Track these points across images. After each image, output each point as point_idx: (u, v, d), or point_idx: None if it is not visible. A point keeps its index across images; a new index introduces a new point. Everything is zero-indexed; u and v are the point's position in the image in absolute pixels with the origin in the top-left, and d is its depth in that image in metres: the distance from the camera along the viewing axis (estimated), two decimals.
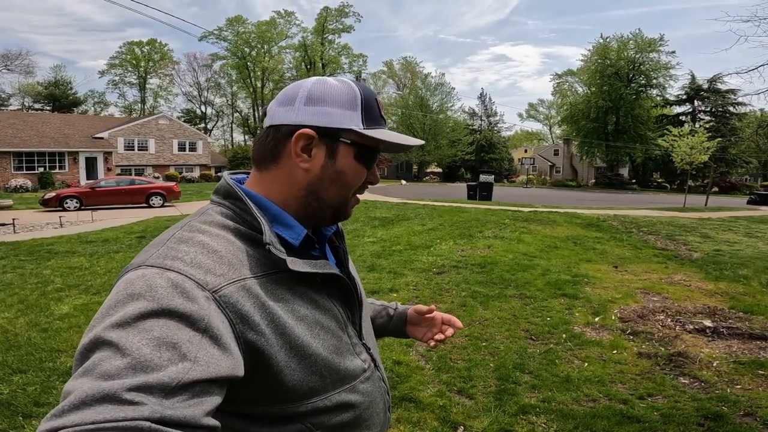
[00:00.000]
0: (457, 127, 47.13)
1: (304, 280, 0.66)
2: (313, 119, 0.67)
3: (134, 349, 0.45)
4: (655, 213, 14.56)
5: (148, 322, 0.48)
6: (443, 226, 10.23)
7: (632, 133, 40.56)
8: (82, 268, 6.25)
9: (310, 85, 0.69)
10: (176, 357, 0.47)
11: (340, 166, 0.69)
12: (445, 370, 3.34)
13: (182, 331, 0.49)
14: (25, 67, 48.29)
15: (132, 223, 10.93)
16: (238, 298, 0.57)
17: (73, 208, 14.93)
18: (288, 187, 0.69)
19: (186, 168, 34.98)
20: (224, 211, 0.67)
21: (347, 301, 0.74)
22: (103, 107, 58.94)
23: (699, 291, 5.35)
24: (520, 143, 72.26)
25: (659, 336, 3.97)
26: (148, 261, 0.56)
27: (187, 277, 0.54)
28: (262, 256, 0.63)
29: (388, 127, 0.76)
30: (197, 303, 0.52)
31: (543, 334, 4.00)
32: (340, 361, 0.67)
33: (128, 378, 0.43)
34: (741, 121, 41.93)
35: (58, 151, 26.63)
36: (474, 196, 19.53)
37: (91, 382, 0.43)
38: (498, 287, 5.31)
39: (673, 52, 45.58)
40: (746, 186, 40.68)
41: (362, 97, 0.70)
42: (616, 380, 3.25)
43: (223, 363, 0.50)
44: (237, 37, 48.61)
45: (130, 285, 0.52)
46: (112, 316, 0.49)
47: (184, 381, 0.45)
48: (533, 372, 3.34)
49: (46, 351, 3.60)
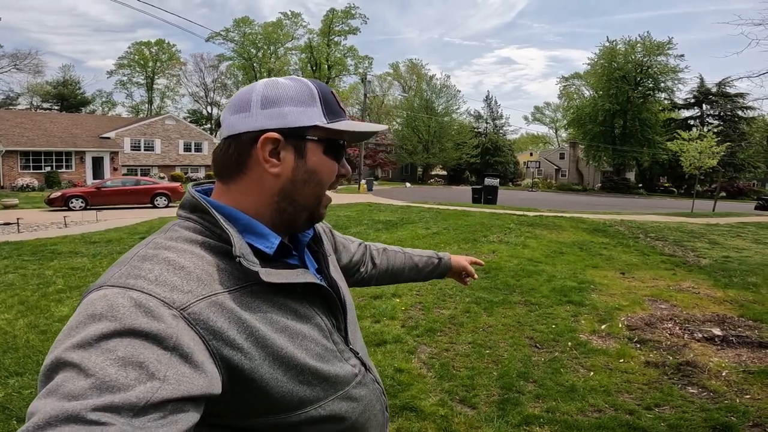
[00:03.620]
0: (463, 129, 47.01)
1: (282, 290, 0.64)
2: (274, 122, 0.65)
3: (98, 369, 0.44)
4: (662, 218, 14.42)
5: (111, 342, 0.47)
6: (447, 230, 10.16)
7: (639, 137, 40.28)
8: (84, 269, 6.24)
9: (262, 88, 0.67)
10: (144, 376, 0.45)
11: (311, 165, 0.68)
12: (448, 378, 3.27)
13: (149, 350, 0.47)
14: (34, 67, 48.78)
15: (136, 224, 10.95)
16: (209, 314, 0.55)
17: (78, 207, 15.00)
18: (259, 196, 0.67)
19: (191, 168, 35.11)
20: (191, 225, 0.65)
21: (330, 307, 0.72)
22: (111, 107, 59.47)
23: (708, 299, 5.25)
24: (525, 146, 72.01)
25: (667, 345, 3.89)
26: (109, 281, 0.54)
27: (151, 295, 0.52)
28: (234, 269, 0.61)
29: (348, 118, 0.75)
30: (164, 322, 0.50)
31: (548, 342, 3.93)
32: (329, 369, 0.66)
33: (93, 398, 0.42)
34: (750, 126, 41.56)
35: (65, 151, 26.80)
36: (479, 199, 19.43)
37: (55, 403, 0.41)
38: (502, 293, 5.23)
39: (682, 55, 45.13)
40: (754, 191, 40.26)
41: (319, 92, 0.68)
42: (622, 390, 3.17)
43: (195, 381, 0.49)
44: (243, 38, 48.84)
45: (91, 306, 0.50)
46: (73, 338, 0.47)
47: (153, 400, 0.44)
48: (537, 381, 3.26)
49: (44, 354, 3.56)
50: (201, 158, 35.74)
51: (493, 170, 41.70)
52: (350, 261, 1.07)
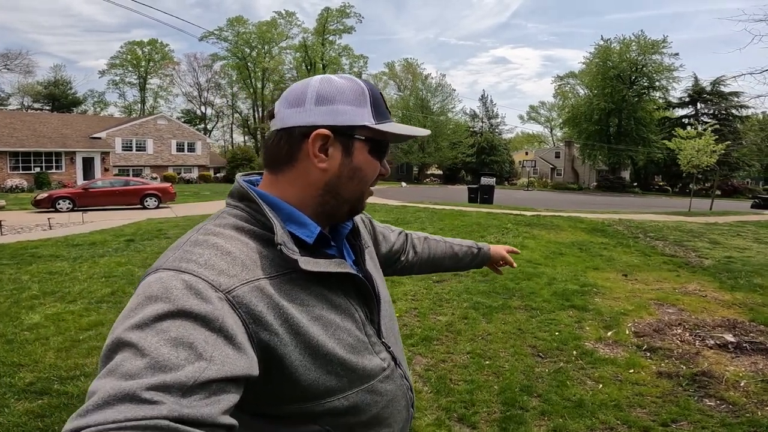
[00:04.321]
0: (458, 128, 46.79)
1: (319, 279, 0.66)
2: (327, 119, 0.67)
3: (153, 349, 0.47)
4: (660, 217, 14.24)
5: (166, 323, 0.49)
6: (444, 231, 9.91)
7: (634, 136, 40.18)
8: (62, 273, 5.94)
9: (317, 85, 0.69)
10: (192, 356, 0.48)
11: (357, 163, 0.70)
12: (445, 393, 3.02)
13: (198, 331, 0.50)
14: (24, 67, 48.13)
15: (123, 226, 10.62)
16: (251, 298, 0.57)
17: (65, 209, 14.62)
18: (305, 188, 0.69)
19: (184, 169, 34.69)
20: (238, 213, 0.68)
21: (365, 299, 0.73)
22: (103, 107, 58.69)
23: (716, 302, 5.03)
24: (520, 145, 71.86)
25: (679, 353, 3.65)
26: (164, 264, 0.58)
27: (200, 278, 0.55)
28: (276, 257, 0.63)
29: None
30: (211, 303, 0.53)
31: (551, 351, 3.69)
32: (358, 360, 0.67)
33: (147, 378, 0.44)
34: (743, 124, 41.60)
35: (54, 151, 26.36)
36: (475, 199, 19.21)
37: (113, 382, 0.44)
38: (501, 297, 4.99)
39: (677, 54, 45.10)
40: (748, 189, 40.32)
41: (370, 93, 0.70)
42: (634, 404, 2.94)
43: (238, 362, 0.51)
44: (237, 37, 48.39)
45: (148, 288, 0.54)
46: (132, 318, 0.50)
47: (201, 380, 0.46)
48: (542, 395, 3.02)
49: (7, 365, 3.31)
50: (194, 158, 35.32)
51: (488, 169, 41.51)
52: (390, 250, 1.09)
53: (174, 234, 9.17)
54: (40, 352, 3.58)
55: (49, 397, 2.95)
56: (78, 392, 3.00)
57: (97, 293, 5.05)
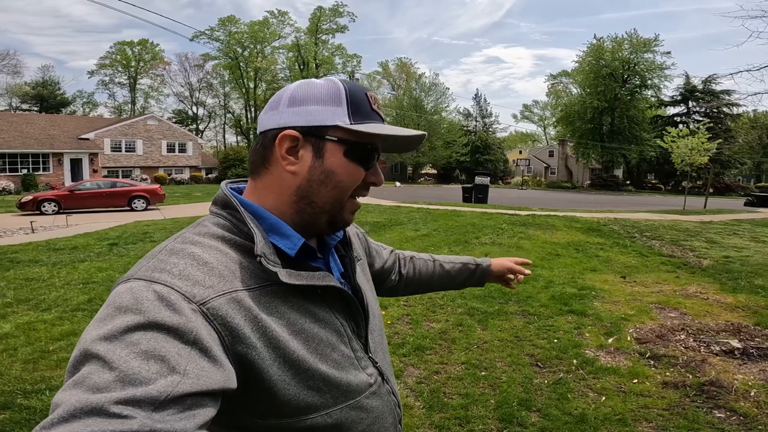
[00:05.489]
0: (452, 128, 46.61)
1: (302, 292, 0.64)
2: (296, 119, 0.65)
3: (122, 362, 0.45)
4: (655, 216, 14.15)
5: (136, 335, 0.48)
6: (438, 232, 9.72)
7: (627, 134, 40.26)
8: (39, 279, 5.68)
9: (294, 87, 0.68)
10: (165, 370, 0.46)
11: (328, 166, 0.66)
12: (438, 409, 2.83)
13: (170, 344, 0.48)
14: (12, 67, 47.44)
15: (108, 229, 10.32)
16: (227, 310, 0.55)
17: (51, 211, 14.25)
18: (279, 194, 0.67)
19: (175, 170, 34.25)
20: (220, 221, 0.66)
21: (351, 313, 0.70)
22: (92, 108, 57.93)
23: (718, 305, 4.87)
24: (514, 144, 71.90)
25: (684, 360, 3.48)
26: (136, 274, 0.56)
27: (173, 289, 0.53)
28: (256, 268, 0.61)
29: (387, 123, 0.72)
30: (184, 315, 0.51)
31: (550, 360, 3.50)
32: (342, 376, 0.64)
33: (116, 391, 0.42)
34: (735, 122, 41.80)
35: (42, 153, 25.88)
36: (469, 198, 19.05)
37: (80, 395, 0.42)
38: (497, 302, 4.79)
39: (669, 52, 45.24)
40: (741, 187, 40.53)
41: (347, 92, 0.66)
42: (640, 418, 2.76)
43: (213, 375, 0.49)
44: (229, 37, 47.91)
45: (119, 298, 0.52)
46: (100, 329, 0.48)
47: (174, 394, 0.44)
48: (541, 410, 2.83)
49: None
50: (185, 159, 34.91)
51: (483, 168, 41.39)
52: (382, 268, 1.05)
53: (160, 237, 8.91)
54: (6, 363, 3.37)
55: (11, 411, 2.76)
56: (42, 406, 2.80)
57: (72, 301, 4.80)
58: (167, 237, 0.66)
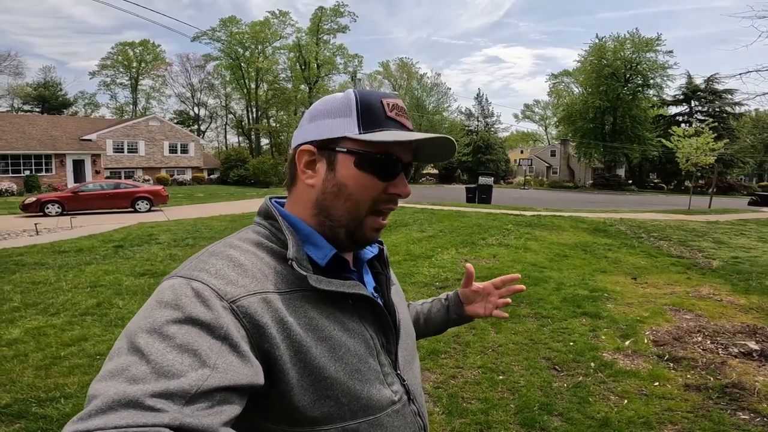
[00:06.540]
0: (454, 128, 46.58)
1: (333, 300, 0.64)
2: (312, 134, 0.68)
3: (159, 354, 0.46)
4: (660, 216, 14.09)
5: (173, 328, 0.49)
6: (444, 233, 9.67)
7: (630, 134, 40.15)
8: (46, 283, 5.64)
9: (316, 103, 0.70)
10: (197, 363, 0.47)
11: (340, 178, 0.66)
12: (458, 414, 2.79)
13: (203, 339, 0.50)
14: (14, 68, 47.43)
15: (112, 231, 10.28)
16: (256, 308, 0.56)
17: (54, 213, 14.22)
18: (304, 207, 0.69)
19: (177, 170, 34.20)
20: (260, 230, 0.68)
21: (381, 326, 0.69)
22: (94, 109, 57.83)
23: (732, 306, 4.83)
24: (515, 144, 71.75)
25: (704, 362, 3.44)
26: (179, 272, 0.58)
27: (208, 286, 0.55)
28: (289, 274, 0.63)
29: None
30: (216, 311, 0.53)
31: (568, 363, 3.46)
32: (363, 389, 0.62)
33: (151, 384, 0.44)
34: (737, 121, 41.68)
35: (44, 154, 25.81)
36: (473, 198, 18.99)
37: (118, 386, 0.44)
38: (509, 305, 4.74)
39: (671, 51, 44.98)
40: (743, 186, 40.43)
41: (357, 101, 0.66)
42: (664, 420, 2.73)
43: (241, 371, 0.50)
44: (230, 37, 47.84)
45: (161, 294, 0.54)
46: (142, 322, 0.50)
47: (204, 388, 0.46)
48: (563, 414, 2.79)
49: None
50: (187, 160, 34.86)
51: (485, 168, 41.39)
52: None
53: (165, 239, 8.86)
54: (18, 370, 3.32)
55: (27, 420, 2.71)
56: (58, 416, 2.74)
57: (81, 305, 4.76)
58: (172, 239, 0.70)
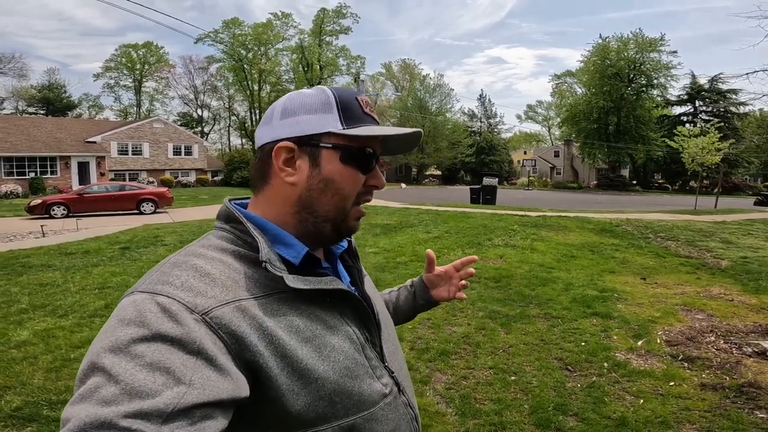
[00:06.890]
0: (457, 128, 46.47)
1: (311, 299, 0.62)
2: (289, 130, 0.66)
3: (128, 375, 0.45)
4: (667, 216, 14.02)
5: (140, 347, 0.47)
6: (449, 234, 9.65)
7: (634, 134, 39.98)
8: (54, 284, 5.65)
9: (284, 100, 0.68)
10: (171, 381, 0.46)
11: (326, 173, 0.65)
12: (471, 415, 2.76)
13: (175, 355, 0.48)
14: (18, 71, 47.72)
15: (118, 232, 10.30)
16: (231, 318, 0.54)
17: (60, 215, 14.27)
18: (282, 206, 0.67)
19: (182, 172, 34.30)
20: (224, 234, 0.66)
21: (363, 320, 0.68)
22: (98, 111, 58.09)
23: (743, 306, 4.78)
24: (519, 145, 71.65)
25: (718, 362, 3.40)
26: (140, 287, 0.56)
27: (175, 300, 0.53)
28: (262, 277, 0.61)
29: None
30: (186, 326, 0.50)
31: (580, 363, 3.43)
32: (354, 385, 0.61)
33: (124, 405, 0.43)
34: (742, 121, 41.48)
35: (49, 156, 25.93)
36: (477, 199, 18.95)
37: (89, 409, 0.42)
38: (518, 305, 4.72)
39: (675, 51, 44.89)
40: (749, 186, 40.20)
41: (336, 98, 0.67)
42: (682, 419, 2.70)
43: (221, 385, 0.48)
44: (233, 39, 47.98)
45: (123, 311, 0.52)
46: (105, 342, 0.48)
47: (180, 406, 0.44)
48: (578, 414, 2.77)
49: None
50: (191, 161, 34.96)
51: (488, 169, 41.29)
52: None
53: (171, 241, 8.87)
54: (28, 372, 3.31)
55: (38, 423, 2.70)
56: None
57: (89, 306, 4.76)
58: (178, 240, 0.67)
